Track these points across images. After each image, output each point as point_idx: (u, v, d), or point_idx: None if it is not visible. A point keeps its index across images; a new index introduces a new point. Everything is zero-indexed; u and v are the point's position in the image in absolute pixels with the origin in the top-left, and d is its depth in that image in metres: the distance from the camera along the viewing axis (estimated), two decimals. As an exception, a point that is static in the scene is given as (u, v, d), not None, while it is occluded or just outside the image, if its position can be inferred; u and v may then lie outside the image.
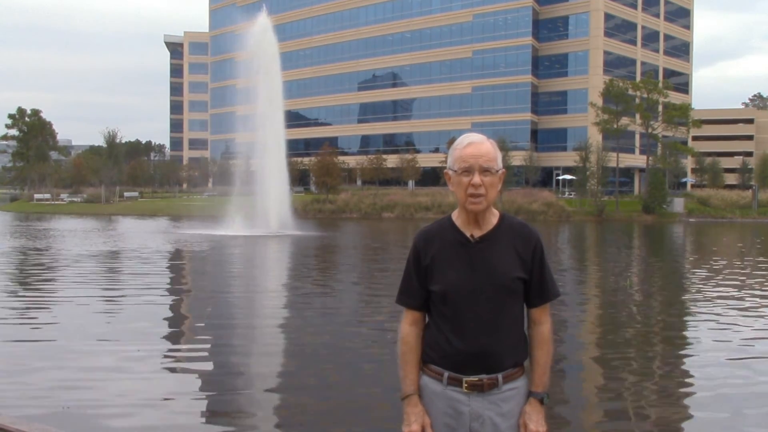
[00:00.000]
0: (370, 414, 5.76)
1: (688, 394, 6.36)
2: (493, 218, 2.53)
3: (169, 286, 13.79)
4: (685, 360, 7.80)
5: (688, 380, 6.86)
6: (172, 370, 7.09)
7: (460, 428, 2.47)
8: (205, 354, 7.72)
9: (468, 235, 2.50)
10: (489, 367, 2.46)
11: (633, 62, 70.64)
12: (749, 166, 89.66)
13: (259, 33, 34.63)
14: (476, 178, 2.42)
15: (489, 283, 2.44)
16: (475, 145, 2.46)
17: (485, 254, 2.47)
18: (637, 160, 65.86)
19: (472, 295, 2.44)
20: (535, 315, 2.56)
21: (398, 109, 78.03)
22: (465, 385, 2.45)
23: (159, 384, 6.50)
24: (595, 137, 57.42)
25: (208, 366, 7.18)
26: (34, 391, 6.08)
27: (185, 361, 7.49)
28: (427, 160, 66.59)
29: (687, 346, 8.48)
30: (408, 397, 2.52)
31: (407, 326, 2.57)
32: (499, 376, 2.46)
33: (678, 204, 52.43)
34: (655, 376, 7.04)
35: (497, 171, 2.45)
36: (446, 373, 2.48)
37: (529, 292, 2.53)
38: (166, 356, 7.63)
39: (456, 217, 2.56)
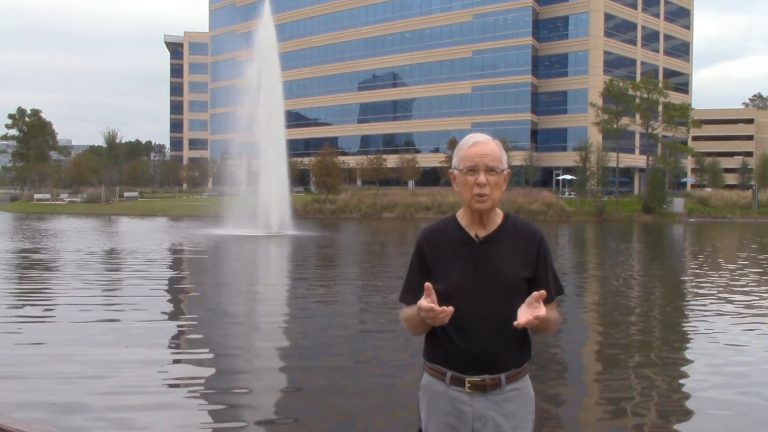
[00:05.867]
0: (373, 415, 5.75)
1: (685, 396, 6.36)
2: (498, 218, 2.53)
3: (166, 286, 13.78)
4: (681, 361, 7.80)
5: (685, 382, 6.86)
6: (170, 368, 7.09)
7: (462, 428, 2.46)
8: (203, 353, 7.71)
9: (472, 234, 2.50)
10: (492, 368, 2.45)
11: (633, 62, 70.66)
12: (749, 166, 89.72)
13: (260, 32, 34.62)
14: (481, 178, 2.42)
15: (493, 283, 2.44)
16: (480, 144, 2.46)
17: (489, 254, 2.47)
18: (637, 160, 65.88)
19: (476, 295, 2.44)
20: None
21: (398, 109, 78.03)
22: (468, 385, 2.45)
23: (155, 383, 6.50)
24: (595, 137, 57.45)
25: (206, 365, 7.16)
26: (26, 390, 6.09)
27: (181, 359, 7.49)
28: (427, 160, 66.61)
29: (682, 347, 8.49)
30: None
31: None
32: (502, 376, 2.46)
33: (678, 204, 52.45)
34: (650, 375, 7.04)
35: (502, 171, 2.45)
36: (449, 373, 2.48)
37: (534, 292, 2.52)
38: (162, 355, 7.63)
39: (461, 216, 2.56)
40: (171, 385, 6.50)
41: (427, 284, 2.35)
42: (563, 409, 5.89)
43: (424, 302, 2.31)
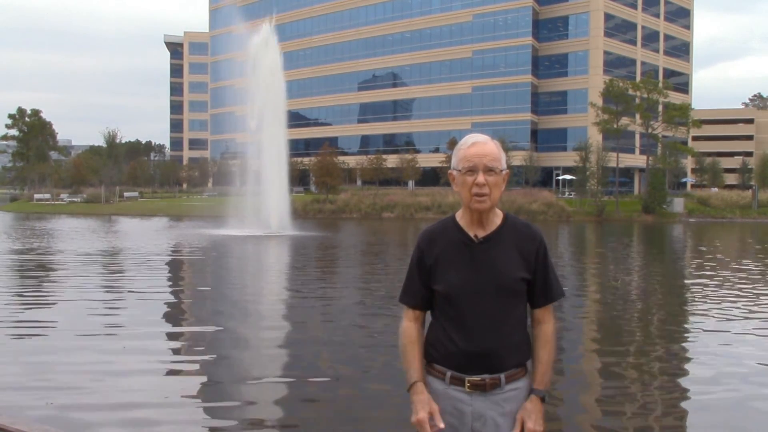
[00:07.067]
0: (374, 414, 5.75)
1: (686, 398, 6.36)
2: (497, 219, 2.54)
3: (166, 286, 13.78)
4: (682, 362, 7.80)
5: (686, 383, 6.86)
6: (168, 367, 7.10)
7: (462, 428, 2.48)
8: (202, 352, 7.71)
9: (472, 235, 2.51)
10: (491, 367, 2.46)
11: (633, 62, 70.65)
12: (749, 166, 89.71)
13: (262, 38, 34.62)
14: (480, 178, 2.43)
15: (492, 283, 2.45)
16: (479, 144, 2.47)
17: (489, 255, 2.48)
18: (637, 160, 65.88)
19: (475, 295, 2.45)
20: (539, 315, 2.57)
21: (398, 109, 78.03)
22: (467, 384, 2.46)
23: (154, 383, 6.50)
24: (595, 137, 57.44)
25: (205, 364, 7.17)
26: (22, 389, 6.09)
27: (180, 359, 7.49)
28: (427, 160, 66.59)
29: (683, 348, 8.49)
30: (413, 386, 2.51)
31: (408, 322, 2.59)
32: (502, 376, 2.47)
33: (678, 204, 52.44)
34: (650, 376, 7.04)
35: (501, 171, 2.46)
36: (449, 373, 2.49)
37: (533, 292, 2.54)
38: (161, 356, 7.63)
39: (460, 217, 2.57)
40: (170, 386, 6.50)
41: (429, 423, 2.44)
42: (562, 409, 5.90)
43: (423, 415, 2.44)
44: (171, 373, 6.93)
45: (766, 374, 7.04)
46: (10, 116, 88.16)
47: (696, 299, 12.17)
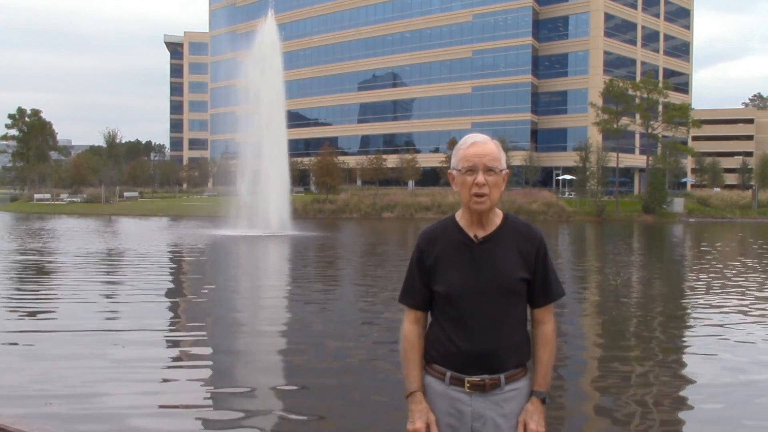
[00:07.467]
0: (375, 413, 5.75)
1: (684, 395, 6.36)
2: (497, 219, 2.53)
3: (166, 287, 13.76)
4: (682, 364, 7.79)
5: (687, 385, 6.85)
6: (168, 370, 7.09)
7: (461, 428, 2.47)
8: (202, 357, 7.70)
9: (471, 235, 2.50)
10: (491, 368, 2.46)
11: (633, 62, 70.66)
12: (749, 166, 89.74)
13: (263, 35, 34.62)
14: (480, 178, 2.42)
15: (492, 283, 2.45)
16: (478, 144, 2.46)
17: (489, 255, 2.47)
18: (637, 160, 65.89)
19: (475, 295, 2.45)
20: (539, 315, 2.56)
21: (398, 109, 78.04)
22: (467, 384, 2.46)
23: (153, 384, 6.50)
24: (595, 137, 57.45)
25: (205, 369, 7.15)
26: (21, 389, 6.09)
27: (179, 363, 7.48)
28: (427, 160, 66.61)
29: (684, 349, 8.48)
30: (412, 395, 2.53)
31: (409, 325, 2.58)
32: (502, 376, 2.46)
33: (678, 204, 52.45)
34: (651, 377, 7.04)
35: (501, 171, 2.46)
36: (449, 373, 2.49)
37: (533, 292, 2.53)
38: (160, 357, 7.62)
39: (459, 217, 2.56)
40: (169, 387, 6.49)
41: None
42: (562, 409, 5.89)
43: (420, 424, 2.49)
44: (170, 378, 6.92)
45: None
46: (10, 116, 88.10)
47: (697, 300, 12.15)
